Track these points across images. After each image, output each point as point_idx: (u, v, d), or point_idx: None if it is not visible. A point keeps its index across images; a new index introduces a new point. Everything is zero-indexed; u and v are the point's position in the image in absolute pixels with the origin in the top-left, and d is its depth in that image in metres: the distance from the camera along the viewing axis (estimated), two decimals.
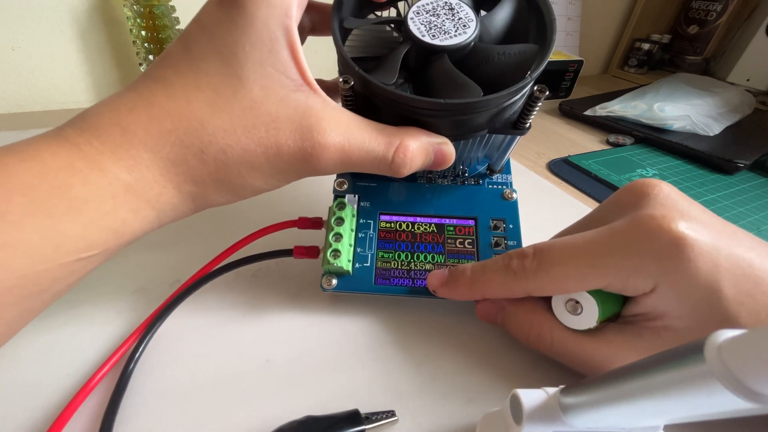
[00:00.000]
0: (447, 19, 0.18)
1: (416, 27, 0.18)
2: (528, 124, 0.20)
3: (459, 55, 0.18)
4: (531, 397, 0.14)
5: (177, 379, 0.18)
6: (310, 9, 0.21)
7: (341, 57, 0.18)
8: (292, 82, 0.16)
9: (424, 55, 0.18)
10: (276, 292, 0.23)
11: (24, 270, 0.13)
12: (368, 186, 0.23)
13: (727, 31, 0.74)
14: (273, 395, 0.18)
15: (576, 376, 0.19)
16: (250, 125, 0.16)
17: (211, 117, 0.15)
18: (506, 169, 0.25)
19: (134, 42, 0.42)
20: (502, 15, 0.20)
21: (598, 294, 0.16)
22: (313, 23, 0.21)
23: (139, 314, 0.21)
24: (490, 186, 0.24)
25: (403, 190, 0.23)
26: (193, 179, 0.16)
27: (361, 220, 0.22)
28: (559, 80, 0.60)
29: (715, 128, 0.47)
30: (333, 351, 0.20)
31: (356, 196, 0.22)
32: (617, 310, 0.17)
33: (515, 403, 0.14)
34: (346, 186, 0.23)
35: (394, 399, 0.18)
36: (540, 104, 0.19)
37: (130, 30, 0.41)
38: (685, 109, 0.48)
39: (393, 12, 0.23)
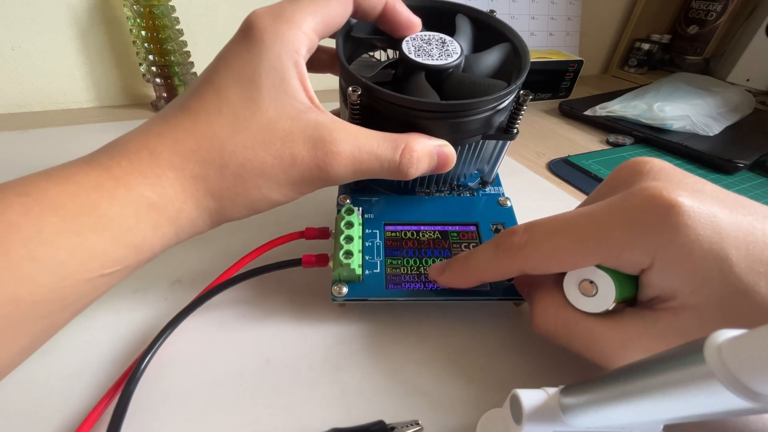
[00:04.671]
0: (436, 48, 0.21)
1: (407, 47, 0.21)
2: (516, 129, 0.22)
3: (437, 77, 0.21)
4: (531, 397, 0.14)
5: (183, 386, 0.18)
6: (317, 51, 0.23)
7: (347, 73, 0.20)
8: (303, 105, 0.18)
9: (407, 69, 0.21)
10: (278, 296, 0.23)
11: (52, 284, 0.14)
12: (370, 200, 0.24)
13: (727, 31, 0.74)
14: (275, 402, 0.18)
15: (576, 377, 0.19)
16: (267, 140, 0.17)
17: (232, 136, 0.17)
18: (497, 182, 0.26)
19: (134, 42, 0.42)
20: (489, 58, 0.23)
21: (613, 272, 0.15)
22: (320, 62, 0.24)
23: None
24: (484, 196, 0.25)
25: (404, 202, 0.24)
26: (212, 194, 0.17)
27: (367, 230, 0.22)
28: (559, 80, 0.60)
29: (715, 128, 0.47)
30: (333, 356, 0.20)
31: (360, 208, 0.23)
32: (634, 291, 0.16)
33: (515, 403, 0.14)
34: (348, 201, 0.24)
35: (392, 401, 0.18)
36: (525, 108, 0.21)
37: (130, 30, 0.41)
38: (685, 109, 0.48)
39: (383, 55, 0.26)
